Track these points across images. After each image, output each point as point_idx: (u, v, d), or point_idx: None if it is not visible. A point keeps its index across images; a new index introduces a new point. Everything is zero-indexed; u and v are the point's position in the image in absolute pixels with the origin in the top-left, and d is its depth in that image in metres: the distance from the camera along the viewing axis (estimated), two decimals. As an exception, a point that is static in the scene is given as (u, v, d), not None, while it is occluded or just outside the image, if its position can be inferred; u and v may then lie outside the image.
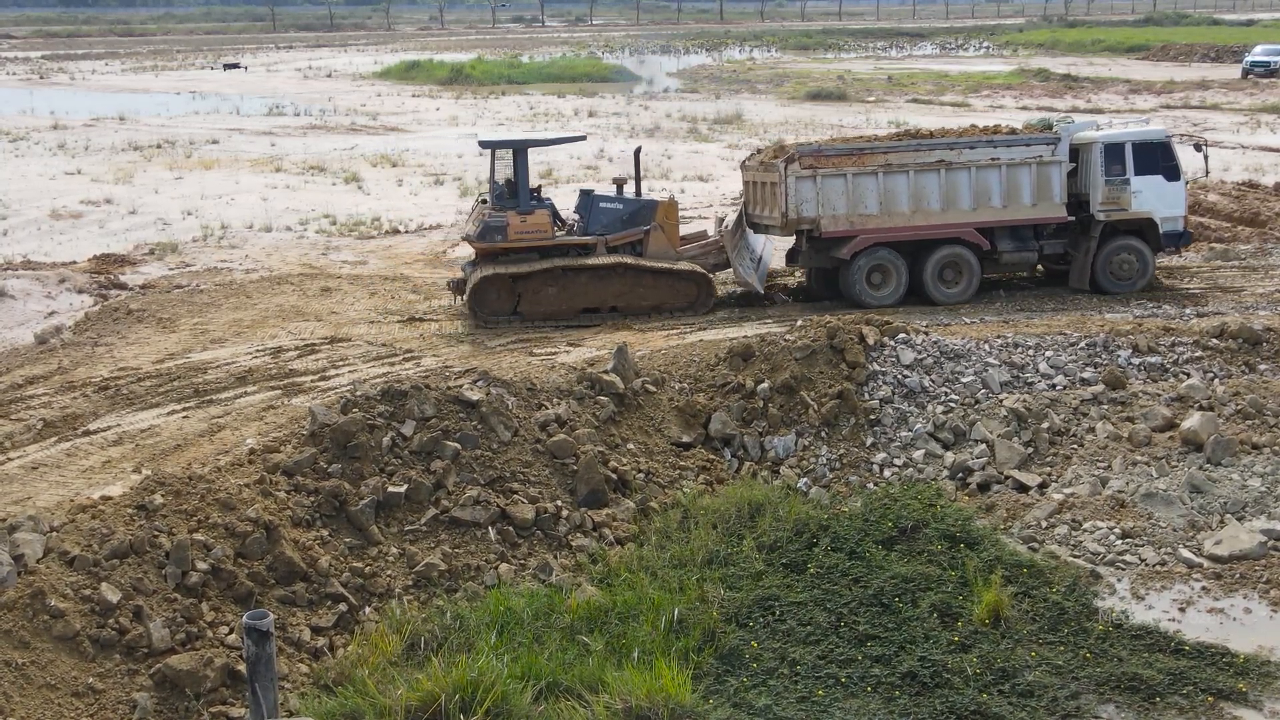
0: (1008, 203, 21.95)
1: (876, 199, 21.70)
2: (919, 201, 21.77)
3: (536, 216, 21.31)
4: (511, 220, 21.17)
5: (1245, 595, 13.28)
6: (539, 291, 21.32)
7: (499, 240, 21.19)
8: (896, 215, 21.80)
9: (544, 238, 21.37)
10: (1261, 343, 19.11)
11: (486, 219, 21.31)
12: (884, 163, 21.69)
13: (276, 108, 60.69)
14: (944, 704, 11.27)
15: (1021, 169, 21.85)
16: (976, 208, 21.90)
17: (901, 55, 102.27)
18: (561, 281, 21.32)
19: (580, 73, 79.51)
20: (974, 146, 21.89)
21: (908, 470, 16.53)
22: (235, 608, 12.05)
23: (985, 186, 21.86)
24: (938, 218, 21.85)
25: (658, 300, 21.78)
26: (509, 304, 21.38)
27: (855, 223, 21.74)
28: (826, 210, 21.67)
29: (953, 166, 21.75)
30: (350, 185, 37.17)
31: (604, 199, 22.23)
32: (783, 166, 21.64)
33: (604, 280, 21.46)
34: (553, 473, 15.18)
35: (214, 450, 14.82)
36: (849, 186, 21.63)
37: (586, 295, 21.53)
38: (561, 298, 21.42)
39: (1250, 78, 68.61)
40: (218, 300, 22.67)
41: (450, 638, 12.11)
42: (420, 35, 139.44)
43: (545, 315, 21.39)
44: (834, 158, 21.75)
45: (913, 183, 21.71)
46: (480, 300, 21.21)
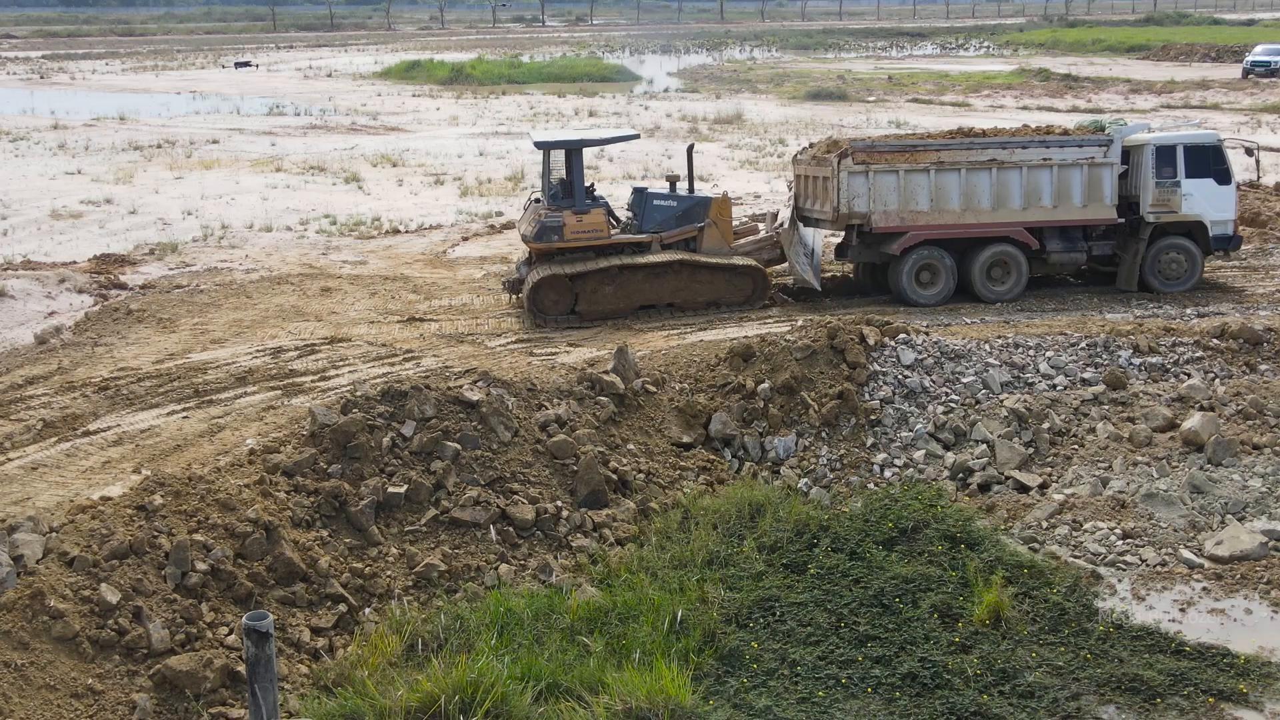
0: (1058, 203, 21.97)
1: (928, 196, 21.77)
2: (970, 200, 21.83)
3: (593, 216, 21.44)
4: (568, 220, 21.28)
5: (1246, 596, 13.27)
6: (597, 290, 21.44)
7: (556, 240, 21.30)
8: (947, 213, 21.87)
9: (600, 237, 21.52)
10: (1262, 343, 19.12)
11: (543, 219, 21.39)
12: (936, 160, 21.75)
13: (277, 108, 60.68)
14: (944, 705, 11.27)
15: (1073, 170, 21.87)
16: (1027, 207, 21.93)
17: (902, 55, 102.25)
18: (619, 280, 21.46)
19: (580, 73, 79.50)
20: (1026, 146, 21.91)
21: (908, 471, 16.53)
22: (235, 608, 12.04)
23: (1036, 186, 21.89)
24: (988, 216, 21.91)
25: (714, 296, 21.92)
26: (567, 303, 21.47)
27: (906, 219, 21.83)
28: (878, 206, 21.77)
29: (1005, 165, 21.78)
30: (350, 185, 37.16)
31: (658, 196, 22.34)
32: (836, 161, 21.75)
33: (661, 277, 21.60)
34: (553, 473, 15.17)
35: (214, 451, 14.80)
36: (901, 183, 21.71)
37: (644, 293, 21.66)
38: (619, 296, 21.54)
39: (1251, 78, 68.59)
40: (218, 300, 22.65)
41: (450, 638, 12.11)
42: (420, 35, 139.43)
43: (603, 314, 21.49)
44: (887, 154, 21.83)
45: (964, 181, 21.76)
46: (538, 300, 21.30)
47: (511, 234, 29.56)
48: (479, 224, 30.72)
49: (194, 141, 47.27)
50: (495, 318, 21.71)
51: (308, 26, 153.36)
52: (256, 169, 40.46)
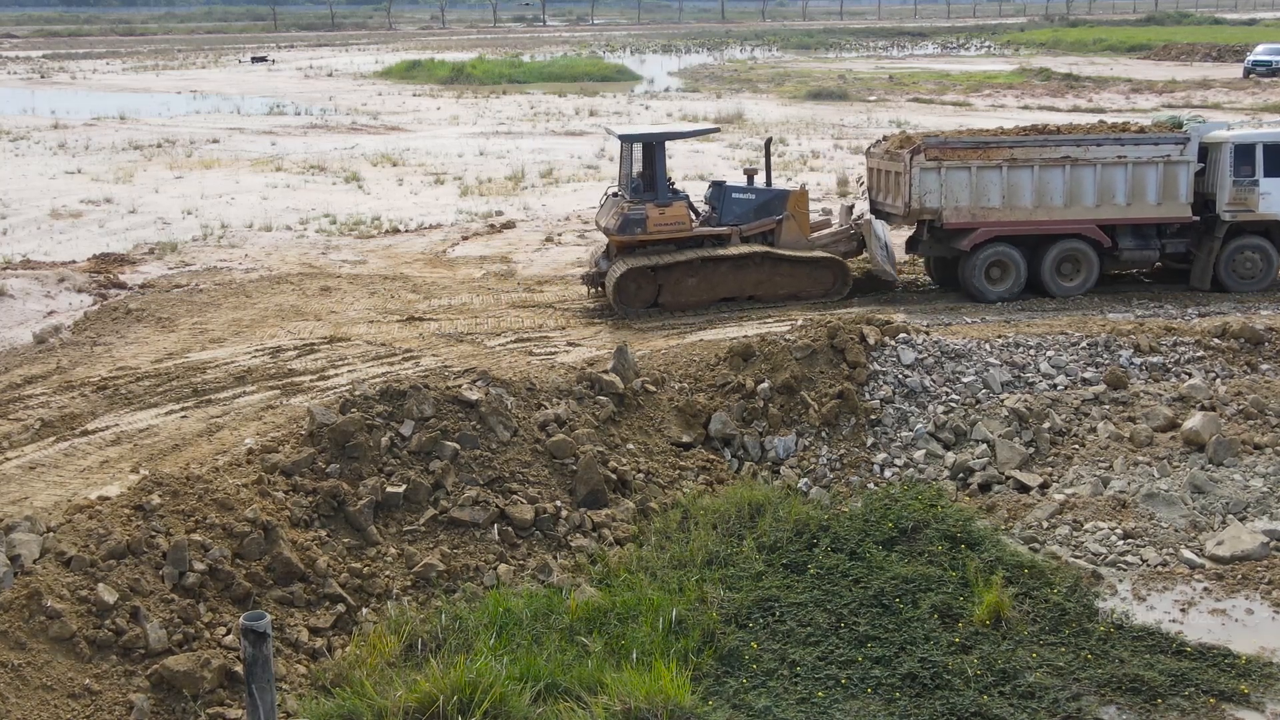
0: (1132, 200, 21.84)
1: (1000, 192, 21.74)
2: (1042, 196, 21.76)
3: (675, 208, 21.63)
4: (651, 213, 21.47)
5: (1247, 596, 13.24)
6: (680, 282, 21.69)
7: (639, 233, 21.51)
8: (1019, 209, 21.82)
9: (683, 229, 21.72)
10: (1263, 342, 19.08)
11: (626, 212, 21.56)
12: (1009, 157, 21.70)
13: (277, 107, 60.66)
14: (944, 705, 11.23)
15: (1148, 168, 21.73)
16: (1100, 204, 21.83)
17: (903, 55, 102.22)
18: (701, 272, 21.70)
19: (581, 72, 79.48)
20: (1101, 144, 21.80)
21: (908, 470, 16.49)
22: (233, 608, 12.00)
23: (1110, 184, 21.78)
24: (1060, 213, 21.84)
25: (795, 288, 22.11)
26: (650, 295, 21.75)
27: (977, 215, 21.83)
28: (949, 202, 21.77)
29: (1078, 163, 21.67)
30: (350, 185, 37.13)
31: (736, 189, 22.52)
32: (908, 157, 21.79)
33: (743, 270, 21.84)
34: (552, 473, 15.13)
35: (212, 450, 14.77)
36: (973, 179, 21.69)
37: (726, 285, 21.91)
38: (701, 288, 21.81)
39: (1252, 77, 68.55)
40: (217, 300, 22.62)
41: (449, 639, 12.07)
42: (421, 35, 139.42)
43: (685, 305, 21.76)
44: (959, 150, 21.81)
45: (1037, 178, 21.69)
46: (622, 292, 21.49)
47: (511, 233, 29.54)
48: (479, 223, 30.69)
49: (194, 141, 47.25)
50: (495, 317, 21.66)
51: (308, 26, 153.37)
52: (257, 168, 40.43)
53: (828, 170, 37.71)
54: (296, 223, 30.81)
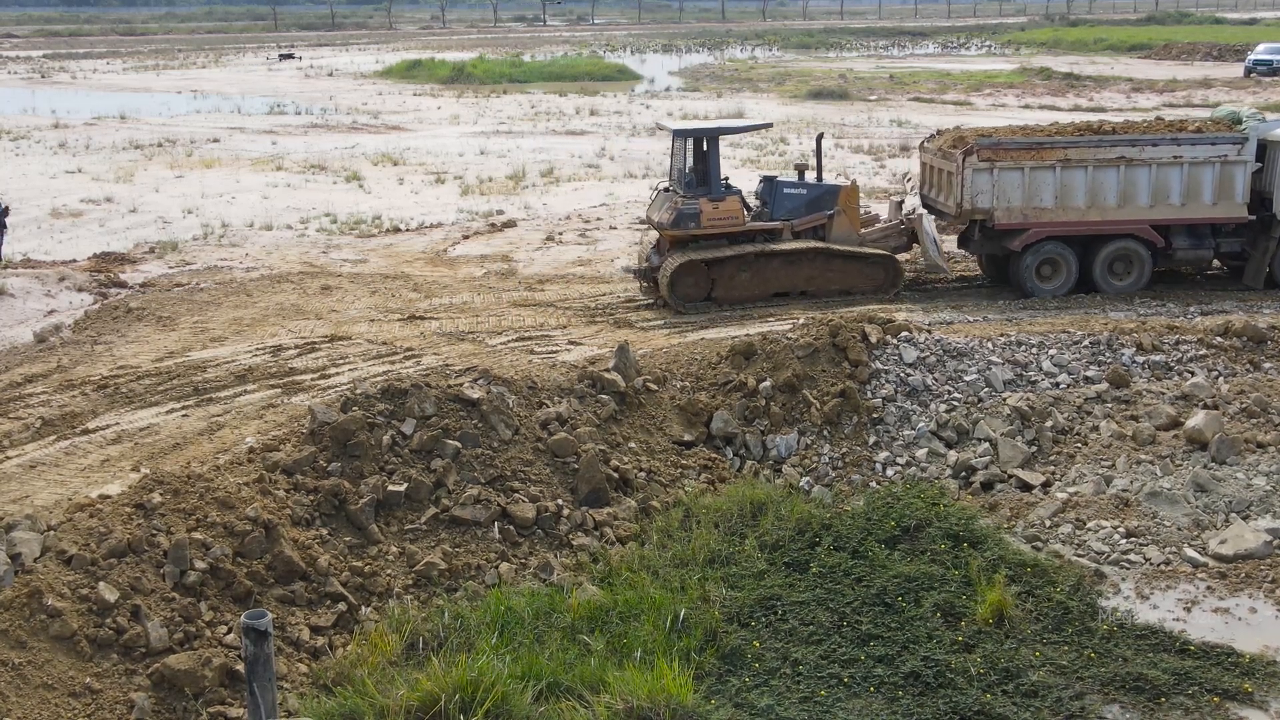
0: (1187, 201, 21.71)
1: (1052, 193, 21.69)
2: (1095, 197, 21.69)
3: (728, 203, 21.70)
4: (704, 207, 21.55)
5: (1250, 595, 13.20)
6: (733, 277, 21.77)
7: (693, 227, 21.57)
8: (1071, 210, 21.76)
9: (736, 224, 21.81)
10: (1266, 341, 19.04)
11: (680, 207, 21.60)
12: (1063, 157, 21.60)
13: (277, 107, 60.63)
14: (947, 704, 11.20)
15: (1205, 168, 21.56)
16: (1154, 204, 21.72)
17: (903, 54, 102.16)
18: (754, 266, 21.80)
19: (582, 72, 79.45)
20: (1157, 144, 21.66)
21: (911, 469, 16.46)
22: (234, 607, 11.97)
23: (1165, 184, 21.65)
24: (1113, 213, 21.76)
25: (847, 284, 22.19)
26: (704, 289, 21.83)
27: (1029, 215, 21.78)
28: (1001, 202, 21.74)
29: (1133, 163, 21.56)
30: (351, 184, 37.11)
31: (788, 184, 22.58)
32: (960, 158, 21.74)
33: (796, 265, 21.91)
34: (554, 471, 15.10)
35: (213, 449, 14.74)
36: (1025, 180, 21.64)
37: (778, 279, 22.00)
38: (754, 282, 21.89)
39: (1253, 76, 68.51)
40: (218, 299, 22.60)
41: (450, 637, 12.04)
42: (422, 34, 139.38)
43: (738, 299, 21.84)
44: (1012, 151, 21.73)
45: (1090, 178, 21.61)
46: (676, 287, 21.53)
47: (512, 232, 29.51)
48: (480, 223, 30.65)
49: (194, 140, 47.23)
50: (496, 315, 21.63)
51: (309, 26, 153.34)
52: (257, 168, 40.40)
53: (828, 169, 37.57)
54: (297, 222, 30.79)
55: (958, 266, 24.92)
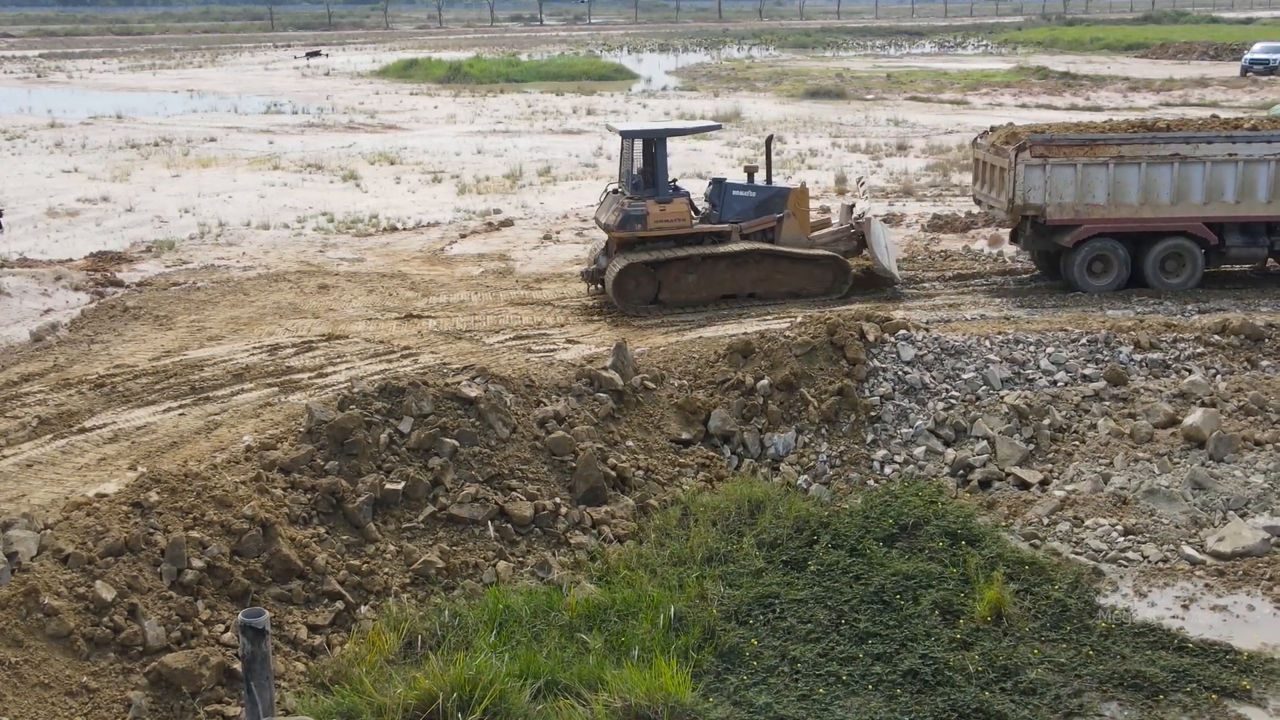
0: (1241, 198, 21.70)
1: (1105, 190, 21.69)
2: (1149, 194, 21.68)
3: (675, 205, 21.67)
4: (651, 209, 21.51)
5: (1248, 592, 13.19)
6: (679, 279, 21.75)
7: (639, 229, 21.54)
8: (1123, 206, 21.77)
9: (683, 226, 21.77)
10: (1263, 339, 19.05)
11: (627, 208, 21.55)
12: (1116, 154, 21.60)
13: (274, 106, 60.58)
14: (946, 702, 11.18)
15: (1260, 166, 21.55)
16: (1208, 202, 21.71)
17: (900, 54, 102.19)
18: (701, 269, 21.75)
19: (579, 71, 79.44)
20: (1212, 141, 21.66)
21: (908, 467, 16.45)
22: (231, 606, 11.94)
23: (1219, 181, 21.62)
24: (1166, 210, 21.77)
25: (795, 286, 22.16)
26: (650, 292, 21.79)
27: (1081, 212, 21.79)
28: (1053, 199, 21.76)
29: (1188, 160, 21.55)
30: (348, 183, 37.08)
31: (737, 187, 22.56)
32: (1013, 154, 21.75)
33: (743, 267, 21.88)
34: (551, 470, 15.08)
35: (210, 448, 14.73)
36: (1078, 176, 21.64)
37: (726, 282, 21.96)
38: (701, 285, 21.86)
39: (1249, 75, 68.58)
40: (215, 298, 22.58)
41: (448, 636, 12.02)
42: (418, 34, 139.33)
43: (685, 302, 21.80)
44: (1065, 147, 21.73)
45: (1144, 175, 21.59)
46: (622, 289, 21.50)
47: (509, 231, 29.50)
48: (476, 221, 30.65)
49: (191, 140, 47.19)
50: (493, 314, 21.61)
51: (305, 25, 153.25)
52: (254, 167, 40.37)
53: (825, 169, 37.69)
54: (294, 221, 30.76)
55: (956, 264, 24.91)
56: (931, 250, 26.28)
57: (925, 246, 26.61)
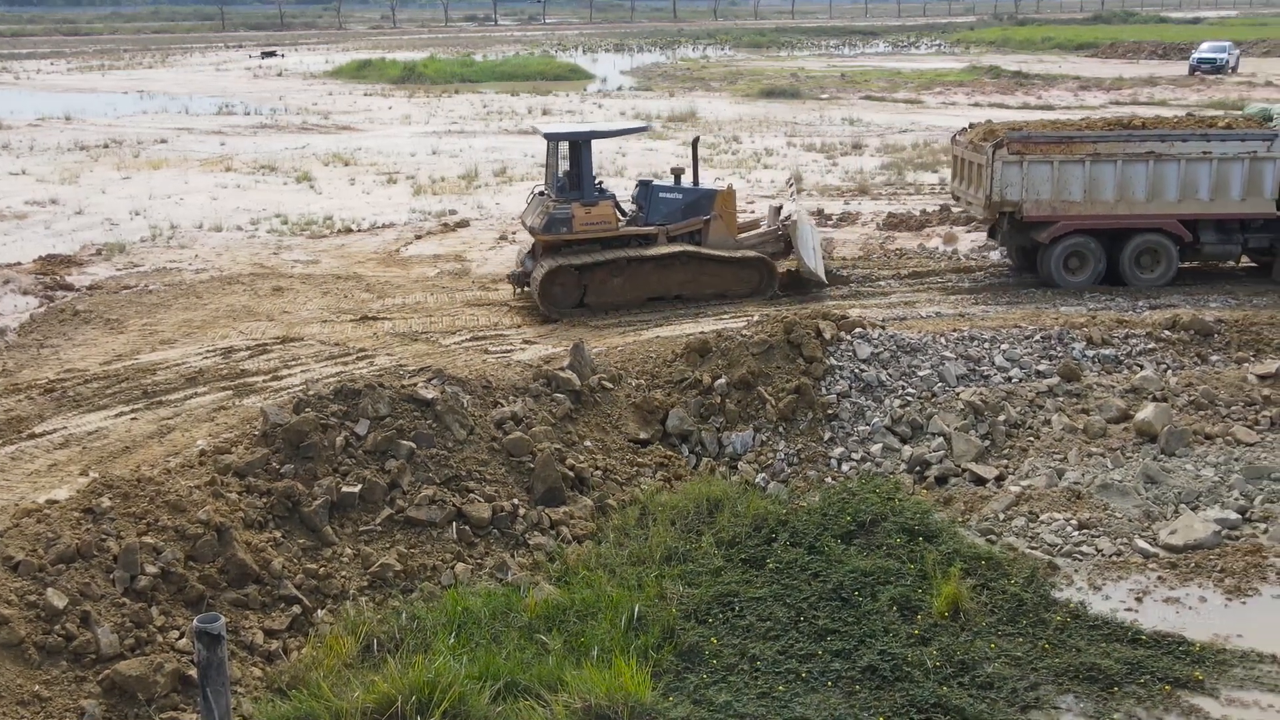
0: (1215, 196, 21.93)
1: (1081, 187, 21.89)
2: (1124, 191, 21.91)
3: (601, 208, 21.50)
4: (576, 212, 21.32)
5: (1200, 584, 13.36)
6: (605, 282, 21.55)
7: (565, 232, 21.36)
8: (1099, 203, 21.98)
9: (609, 229, 21.60)
10: (1213, 334, 19.32)
11: (552, 211, 21.36)
12: (1092, 151, 21.81)
13: (226, 107, 60.03)
14: (904, 697, 11.24)
15: (1234, 164, 21.81)
16: (1182, 199, 21.93)
17: (854, 53, 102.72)
18: (627, 271, 21.55)
19: (534, 71, 79.26)
20: (1186, 139, 21.88)
21: (866, 464, 16.53)
22: (186, 611, 11.81)
23: (1193, 179, 21.86)
24: (1141, 207, 21.98)
25: (722, 288, 22.04)
26: (575, 295, 21.55)
27: (1057, 208, 21.99)
28: (1030, 195, 21.95)
29: (1162, 158, 21.78)
30: (302, 184, 36.79)
31: (664, 189, 22.37)
32: (991, 151, 21.89)
33: (669, 269, 21.72)
34: (509, 471, 15.03)
35: (164, 452, 14.55)
36: (1055, 173, 21.83)
37: (652, 284, 21.79)
38: (627, 287, 21.67)
39: (1197, 74, 69.48)
40: (167, 301, 22.34)
41: (407, 639, 11.95)
42: (372, 34, 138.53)
43: (611, 305, 21.59)
44: (1042, 144, 21.92)
45: (1119, 172, 21.80)
46: (547, 292, 21.27)
47: (465, 232, 29.37)
48: (432, 222, 30.49)
49: (141, 141, 46.66)
50: (449, 315, 21.51)
51: (257, 26, 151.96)
52: (206, 168, 39.98)
53: (781, 168, 37.80)
54: (247, 223, 30.49)
55: (911, 262, 25.04)
56: (887, 248, 26.42)
57: (881, 245, 26.75)
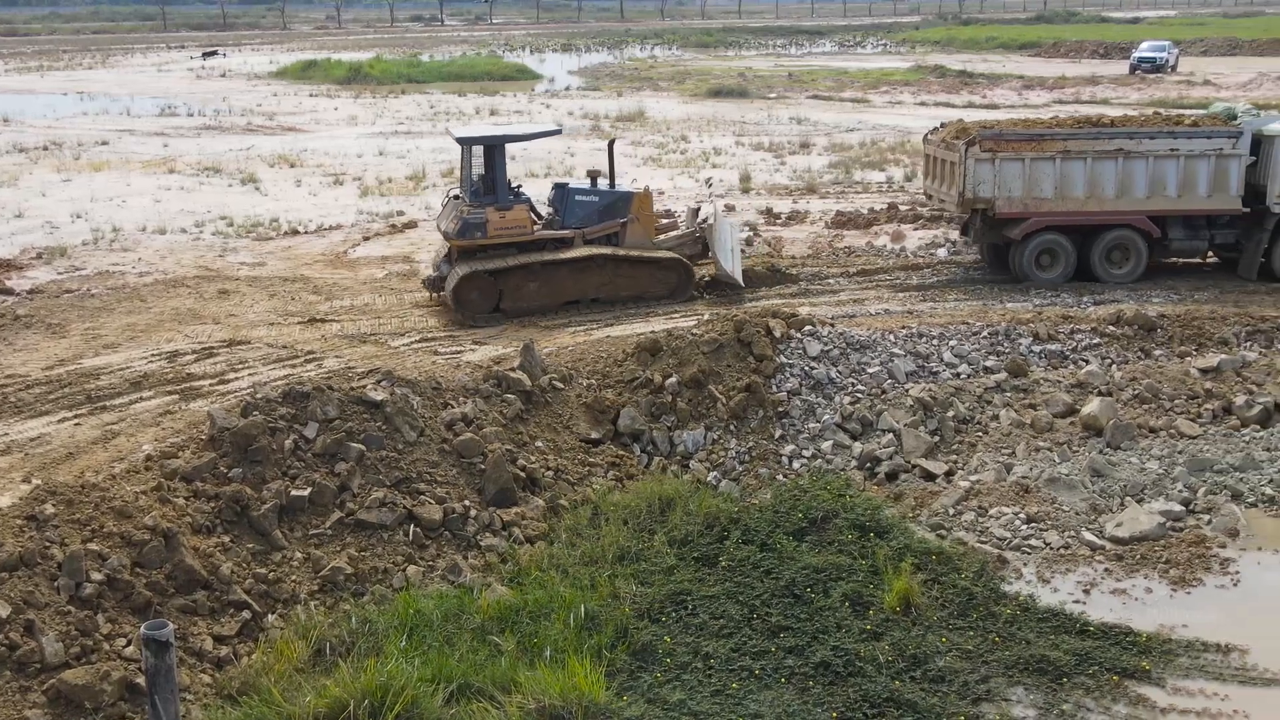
0: (1183, 193, 22.27)
1: (1052, 184, 22.18)
2: (1094, 188, 22.21)
3: (515, 212, 21.21)
4: (491, 216, 21.02)
5: (1146, 575, 13.55)
6: (521, 287, 21.27)
7: (479, 236, 21.04)
8: (1070, 200, 22.26)
9: (524, 233, 21.30)
10: (1156, 329, 19.60)
11: (465, 215, 21.06)
12: (1063, 149, 22.10)
13: (169, 108, 59.30)
14: (857, 692, 11.30)
15: (1200, 161, 22.14)
16: (1150, 196, 22.26)
17: (801, 53, 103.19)
18: (543, 276, 21.28)
19: (481, 71, 78.91)
20: (1154, 137, 22.18)
21: (816, 461, 16.61)
22: (133, 619, 11.65)
23: (1161, 176, 22.19)
24: (1111, 204, 22.30)
25: (639, 290, 21.87)
26: (491, 300, 21.25)
27: (1029, 205, 22.26)
28: (1002, 192, 22.21)
29: (1131, 155, 22.11)
30: (247, 186, 36.40)
31: (580, 192, 22.12)
32: (963, 148, 22.11)
33: (585, 272, 21.50)
34: (460, 472, 14.96)
35: (108, 458, 14.35)
36: (1026, 171, 22.12)
37: (568, 288, 21.55)
38: (543, 292, 21.40)
39: (1138, 73, 70.43)
40: (110, 304, 22.03)
41: (358, 642, 11.86)
42: (317, 34, 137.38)
43: (527, 310, 21.31)
44: (1014, 142, 22.20)
45: (1090, 169, 22.12)
46: (462, 297, 20.98)
47: (413, 233, 29.20)
48: (380, 224, 30.28)
49: (82, 143, 45.95)
50: (398, 317, 21.37)
51: (199, 26, 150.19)
52: (148, 170, 39.45)
53: (729, 167, 37.89)
54: (192, 225, 30.12)
55: (859, 260, 25.19)
56: (835, 246, 26.56)
57: (829, 243, 26.88)
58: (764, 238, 27.01)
